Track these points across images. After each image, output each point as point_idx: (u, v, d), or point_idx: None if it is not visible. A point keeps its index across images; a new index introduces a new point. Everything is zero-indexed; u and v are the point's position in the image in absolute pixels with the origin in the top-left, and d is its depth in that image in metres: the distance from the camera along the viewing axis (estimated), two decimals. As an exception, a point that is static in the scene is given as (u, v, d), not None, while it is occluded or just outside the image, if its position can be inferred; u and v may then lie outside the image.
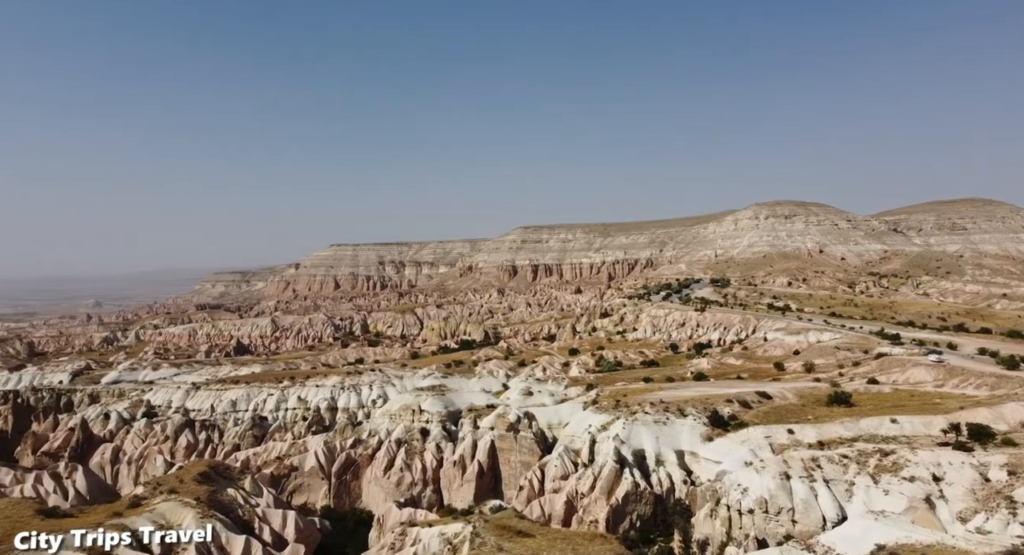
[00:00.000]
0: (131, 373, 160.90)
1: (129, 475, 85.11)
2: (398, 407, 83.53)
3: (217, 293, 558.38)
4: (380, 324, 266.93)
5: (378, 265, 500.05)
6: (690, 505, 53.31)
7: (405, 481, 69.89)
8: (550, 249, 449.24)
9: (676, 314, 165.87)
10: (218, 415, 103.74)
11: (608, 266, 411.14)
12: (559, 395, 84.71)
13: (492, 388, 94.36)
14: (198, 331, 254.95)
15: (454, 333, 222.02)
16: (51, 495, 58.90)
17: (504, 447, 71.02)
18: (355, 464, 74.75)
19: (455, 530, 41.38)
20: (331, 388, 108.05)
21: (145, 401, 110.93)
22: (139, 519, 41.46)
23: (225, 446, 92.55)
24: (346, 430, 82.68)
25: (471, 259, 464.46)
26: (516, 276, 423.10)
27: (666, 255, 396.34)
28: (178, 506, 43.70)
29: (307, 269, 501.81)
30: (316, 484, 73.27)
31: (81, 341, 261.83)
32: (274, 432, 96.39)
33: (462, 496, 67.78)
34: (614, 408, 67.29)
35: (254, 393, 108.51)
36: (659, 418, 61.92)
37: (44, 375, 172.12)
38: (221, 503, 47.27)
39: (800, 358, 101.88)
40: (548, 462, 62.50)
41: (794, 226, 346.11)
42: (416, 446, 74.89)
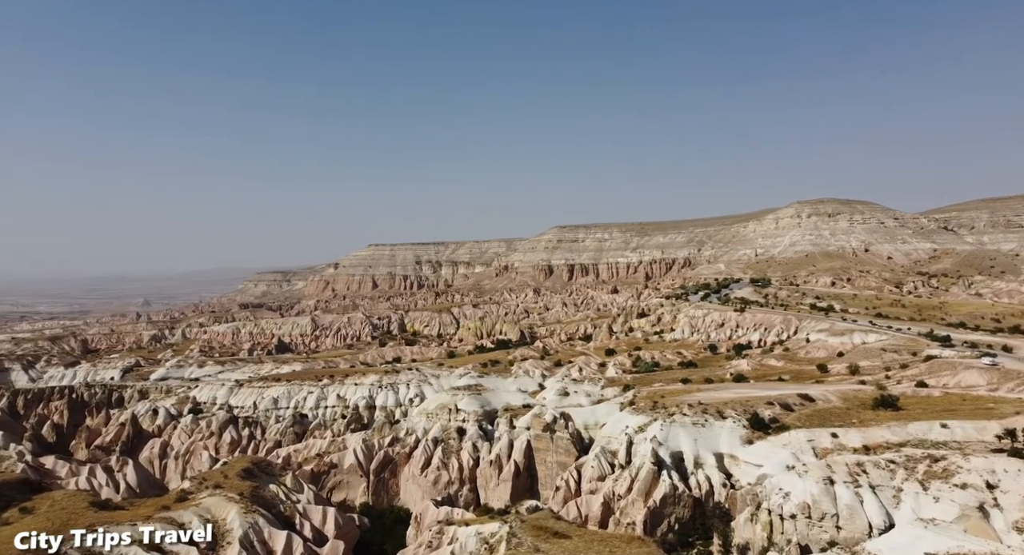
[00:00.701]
0: (178, 370, 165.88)
1: (176, 469, 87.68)
2: (435, 406, 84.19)
3: (259, 292, 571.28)
4: (417, 323, 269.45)
5: (415, 265, 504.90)
6: (730, 509, 52.41)
7: (442, 480, 70.38)
8: (586, 249, 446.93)
9: (715, 314, 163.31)
10: (260, 412, 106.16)
11: (645, 266, 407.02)
12: (595, 396, 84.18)
13: (528, 388, 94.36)
14: (241, 329, 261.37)
15: (490, 333, 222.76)
16: (104, 487, 61.11)
17: (540, 447, 70.93)
18: (393, 462, 75.62)
19: (492, 530, 41.50)
20: (369, 386, 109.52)
21: (191, 398, 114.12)
22: (186, 513, 42.68)
23: (267, 442, 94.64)
24: (384, 428, 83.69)
25: (507, 259, 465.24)
26: (552, 276, 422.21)
27: (704, 254, 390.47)
28: (223, 501, 44.83)
29: (346, 269, 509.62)
30: (355, 481, 74.34)
31: (131, 339, 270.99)
32: (314, 429, 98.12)
33: (498, 495, 67.94)
34: (651, 409, 66.57)
35: (295, 391, 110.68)
36: (697, 420, 61.03)
37: (97, 371, 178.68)
38: (264, 499, 48.32)
39: (844, 360, 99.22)
40: (585, 463, 62.22)
41: (838, 224, 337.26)
42: (453, 445, 75.37)
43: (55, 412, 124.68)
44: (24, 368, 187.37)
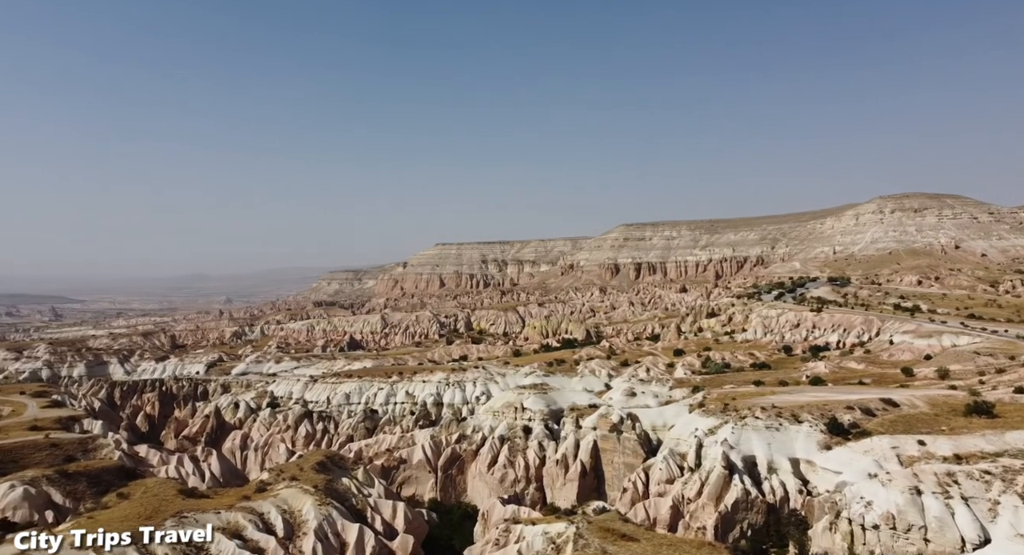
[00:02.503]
0: (257, 365, 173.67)
1: (256, 460, 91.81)
2: (501, 404, 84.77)
3: (332, 291, 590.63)
4: (483, 322, 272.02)
5: (481, 263, 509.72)
6: (806, 516, 50.36)
7: (508, 478, 70.78)
8: (653, 247, 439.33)
9: (790, 314, 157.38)
10: (333, 407, 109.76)
11: (715, 264, 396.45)
12: (663, 396, 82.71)
13: (594, 388, 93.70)
14: (315, 327, 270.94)
15: (555, 331, 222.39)
16: (190, 476, 64.63)
17: (607, 448, 70.28)
18: (460, 459, 76.64)
19: (558, 530, 41.39)
20: (437, 384, 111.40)
21: (269, 392, 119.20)
22: (265, 503, 44.58)
23: (340, 437, 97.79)
24: (451, 425, 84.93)
25: (572, 257, 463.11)
26: (618, 274, 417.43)
27: (778, 252, 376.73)
28: (299, 493, 46.57)
29: (414, 268, 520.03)
30: (424, 477, 75.79)
31: (214, 335, 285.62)
32: (384, 425, 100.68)
33: (565, 495, 67.76)
34: (722, 412, 64.80)
35: (366, 387, 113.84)
36: (771, 424, 58.94)
37: (184, 366, 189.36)
38: (337, 492, 49.88)
39: (932, 363, 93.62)
40: (653, 465, 61.20)
41: (925, 220, 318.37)
42: (519, 443, 75.67)
43: (147, 403, 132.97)
44: (120, 361, 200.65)
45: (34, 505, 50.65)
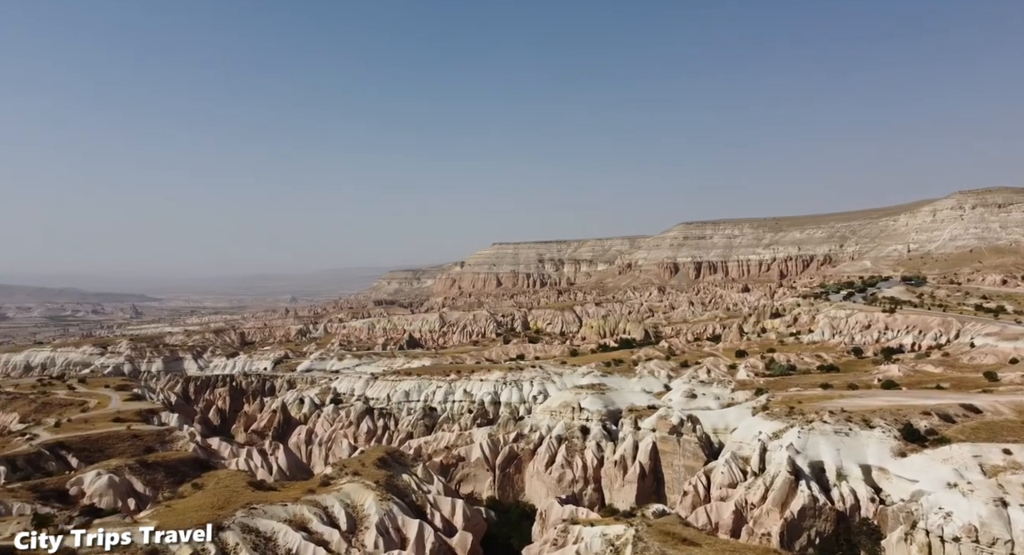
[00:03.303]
0: (320, 362, 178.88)
1: (320, 455, 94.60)
2: (558, 404, 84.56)
3: (392, 290, 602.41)
4: (540, 321, 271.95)
5: (537, 263, 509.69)
6: (879, 526, 48.18)
7: (566, 478, 70.55)
8: (714, 245, 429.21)
9: (860, 315, 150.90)
10: (393, 404, 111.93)
11: (779, 263, 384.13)
12: (725, 398, 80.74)
13: (653, 388, 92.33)
14: (376, 325, 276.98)
15: (613, 331, 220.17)
16: (259, 469, 67.17)
17: (666, 450, 69.13)
18: (517, 458, 76.88)
19: (617, 531, 41.02)
20: (494, 383, 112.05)
21: (332, 388, 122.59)
22: (328, 497, 45.92)
23: (400, 433, 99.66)
24: (508, 424, 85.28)
25: (630, 257, 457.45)
26: (677, 274, 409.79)
27: (847, 251, 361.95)
28: (361, 488, 47.75)
29: (471, 267, 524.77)
30: (482, 475, 76.39)
31: (280, 332, 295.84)
32: (442, 423, 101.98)
33: (623, 497, 67.04)
34: (787, 415, 62.73)
35: (424, 385, 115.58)
36: (840, 428, 56.66)
37: (252, 362, 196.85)
38: (397, 487, 50.89)
39: (1018, 368, 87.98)
40: (714, 468, 59.81)
41: (1010, 216, 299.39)
42: (576, 444, 75.32)
43: (219, 398, 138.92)
44: (194, 357, 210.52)
45: (118, 493, 53.72)
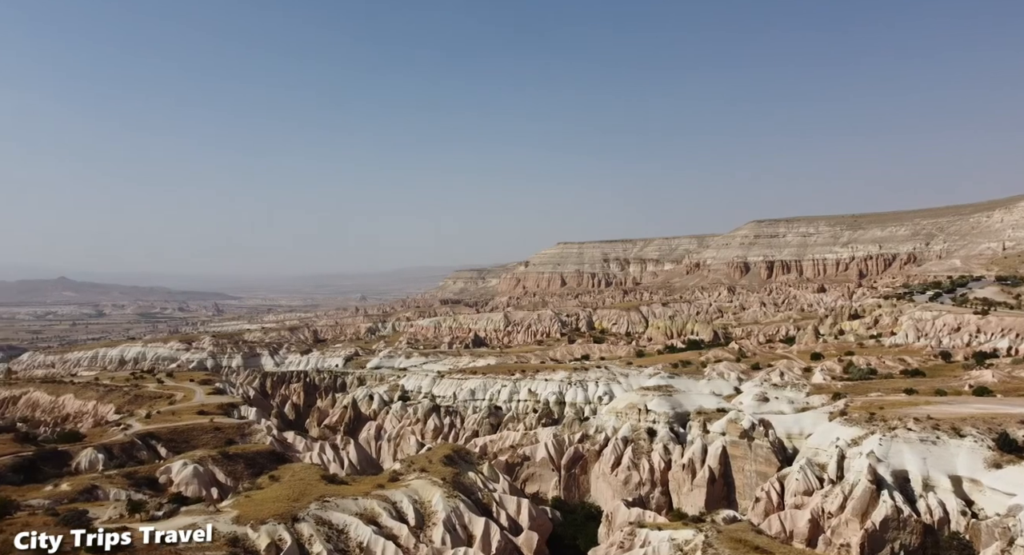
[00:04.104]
0: (389, 360, 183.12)
1: (389, 451, 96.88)
2: (624, 405, 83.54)
3: (457, 289, 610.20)
4: (605, 321, 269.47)
5: (602, 262, 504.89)
6: (971, 541, 45.29)
7: (632, 480, 69.63)
8: (787, 244, 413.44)
9: (948, 317, 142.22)
10: (459, 402, 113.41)
11: (858, 262, 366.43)
12: (799, 403, 77.78)
13: (722, 391, 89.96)
14: (442, 324, 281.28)
15: (680, 332, 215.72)
16: (331, 463, 69.37)
17: (737, 454, 67.18)
18: (583, 458, 76.44)
19: (686, 537, 40.18)
20: (559, 383, 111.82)
21: (400, 386, 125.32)
22: (397, 492, 46.96)
23: (465, 431, 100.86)
24: (574, 425, 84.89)
25: (698, 256, 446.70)
26: (748, 273, 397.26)
27: (933, 249, 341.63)
28: (428, 484, 48.60)
29: (535, 267, 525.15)
30: (547, 475, 76.35)
31: (351, 330, 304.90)
32: (507, 421, 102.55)
33: (692, 501, 65.60)
34: (867, 421, 59.79)
35: (490, 383, 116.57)
36: (926, 436, 53.55)
37: (324, 359, 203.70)
38: (463, 485, 51.52)
39: None
40: (788, 475, 57.68)
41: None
42: (643, 446, 74.21)
43: (294, 393, 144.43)
44: (271, 354, 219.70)
45: (202, 482, 56.63)
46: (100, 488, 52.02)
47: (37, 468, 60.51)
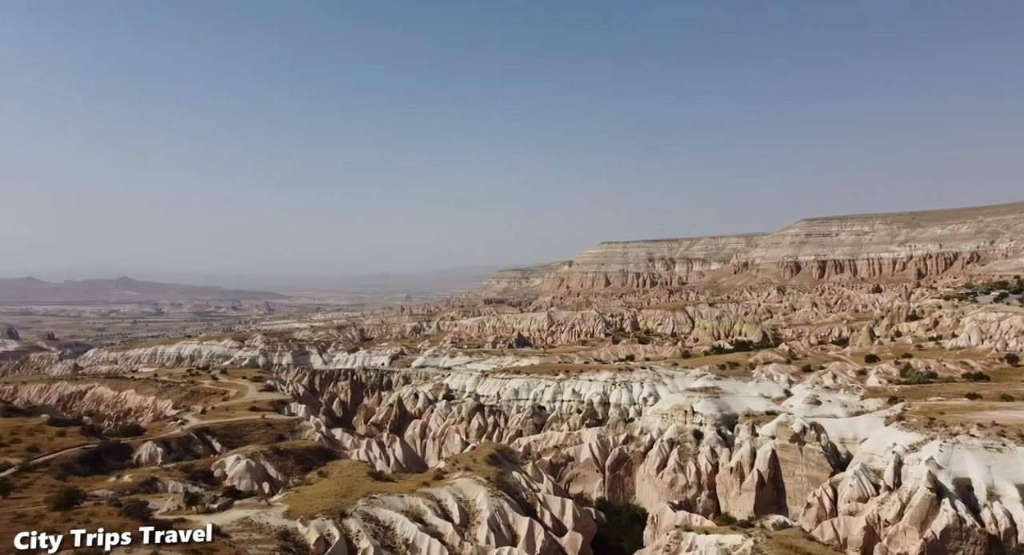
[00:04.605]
0: (433, 359, 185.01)
1: (433, 449, 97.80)
2: (669, 407, 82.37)
3: (501, 289, 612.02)
4: (650, 321, 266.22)
5: (647, 262, 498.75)
6: (1040, 555, 43.09)
7: (679, 483, 68.61)
8: (841, 243, 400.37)
9: (1015, 318, 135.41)
10: (503, 402, 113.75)
11: (916, 261, 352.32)
12: (853, 406, 75.33)
13: (771, 393, 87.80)
14: (485, 323, 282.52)
15: (728, 333, 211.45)
16: (377, 460, 70.47)
17: (787, 459, 65.46)
18: (627, 460, 75.67)
19: (734, 541, 39.37)
20: (603, 383, 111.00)
21: (445, 385, 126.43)
22: (442, 491, 47.40)
23: (509, 431, 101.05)
24: (618, 426, 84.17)
25: (746, 255, 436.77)
26: (799, 273, 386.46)
27: (999, 248, 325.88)
28: (472, 483, 48.90)
29: (579, 266, 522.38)
30: (591, 476, 75.88)
31: (396, 330, 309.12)
32: (551, 422, 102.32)
33: (740, 505, 64.23)
34: (926, 427, 57.54)
35: (533, 383, 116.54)
36: (991, 443, 51.19)
37: (371, 357, 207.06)
38: (507, 484, 51.64)
39: None
40: (842, 480, 55.92)
41: None
42: (689, 448, 73.03)
43: (341, 391, 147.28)
44: (319, 352, 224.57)
45: (254, 476, 58.27)
46: (159, 480, 54.10)
47: (102, 460, 63.32)
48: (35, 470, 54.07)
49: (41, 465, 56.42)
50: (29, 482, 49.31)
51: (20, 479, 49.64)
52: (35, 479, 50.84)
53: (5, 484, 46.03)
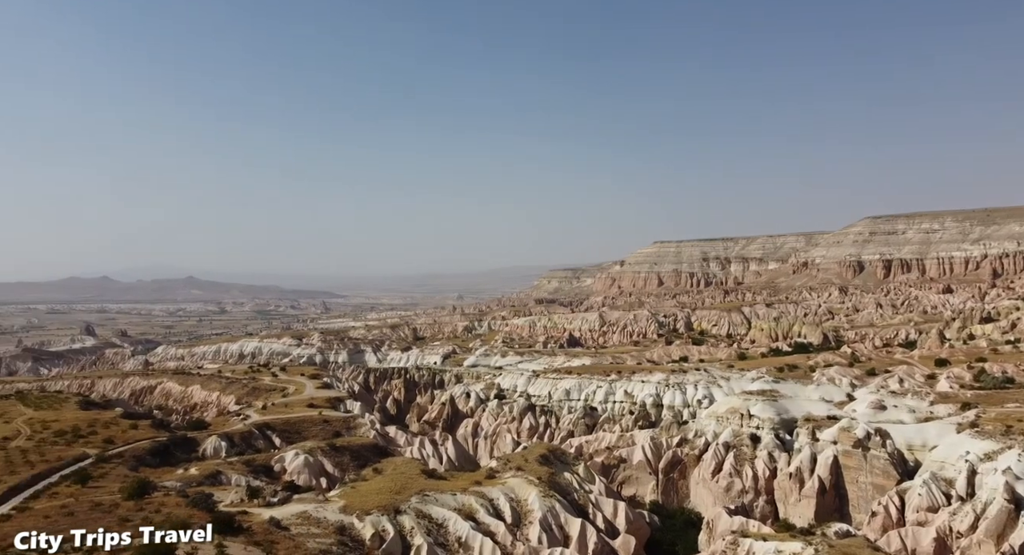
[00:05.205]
0: (485, 358, 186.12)
1: (485, 448, 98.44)
2: (725, 409, 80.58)
3: (552, 289, 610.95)
4: (704, 322, 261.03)
5: (701, 262, 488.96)
6: None
7: (735, 487, 67.03)
8: (908, 241, 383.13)
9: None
10: (554, 402, 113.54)
11: (992, 260, 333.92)
12: (922, 412, 72.06)
13: (833, 397, 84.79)
14: (536, 323, 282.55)
15: (786, 334, 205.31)
16: (430, 458, 71.38)
17: (850, 465, 63.13)
18: (681, 463, 74.42)
19: (794, 549, 38.21)
20: (656, 384, 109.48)
21: (496, 384, 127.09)
22: (494, 490, 47.62)
23: (560, 431, 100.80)
24: (672, 428, 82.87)
25: (806, 254, 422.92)
26: (862, 273, 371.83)
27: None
28: (524, 483, 48.95)
29: (631, 266, 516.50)
30: (644, 478, 74.94)
31: (448, 329, 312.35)
32: (603, 423, 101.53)
33: (799, 512, 62.28)
34: (1003, 435, 54.58)
35: (585, 384, 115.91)
36: (1076, 455, 48.11)
37: (424, 356, 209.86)
38: (559, 485, 51.48)
39: None
40: (910, 489, 53.60)
41: None
42: (746, 452, 71.27)
43: (395, 389, 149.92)
44: (373, 350, 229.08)
45: (312, 472, 59.88)
46: (223, 473, 56.27)
47: (170, 452, 66.32)
48: (110, 461, 57.04)
49: (116, 456, 59.49)
50: (105, 472, 52.05)
51: (97, 469, 52.47)
52: (110, 469, 53.63)
53: (84, 474, 48.73)
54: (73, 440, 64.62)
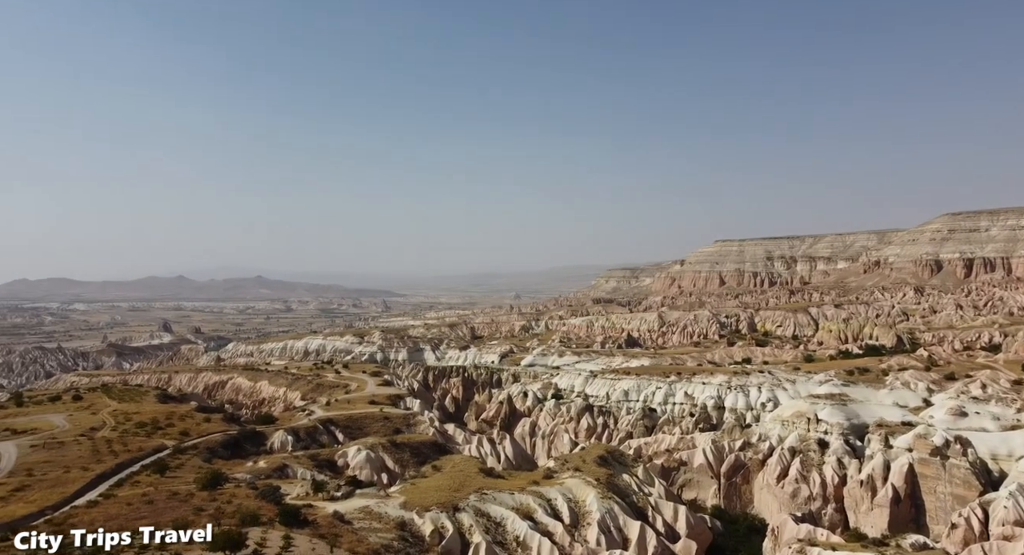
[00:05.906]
0: (542, 358, 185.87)
1: (542, 448, 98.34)
2: (791, 413, 77.94)
3: (610, 288, 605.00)
4: (768, 323, 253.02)
5: (765, 261, 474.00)
6: None
7: (801, 494, 64.77)
8: (991, 239, 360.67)
9: None
10: (612, 402, 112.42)
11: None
12: (1007, 420, 67.86)
13: (908, 402, 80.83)
14: (594, 323, 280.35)
15: (856, 336, 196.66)
16: (488, 457, 71.83)
17: (927, 474, 60.01)
18: (744, 467, 72.42)
19: (865, 562, 36.62)
20: (717, 386, 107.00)
21: (553, 384, 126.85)
22: (551, 490, 47.54)
23: (619, 432, 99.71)
24: (734, 431, 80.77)
25: (878, 253, 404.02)
26: (940, 272, 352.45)
27: None
28: (582, 484, 48.67)
29: (691, 265, 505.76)
30: (705, 482, 73.31)
31: (506, 328, 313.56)
32: (663, 424, 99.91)
33: (871, 522, 59.66)
34: (1100, 447, 50.76)
35: (644, 385, 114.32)
36: None
37: (481, 355, 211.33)
38: (617, 487, 50.95)
39: None
40: (994, 501, 50.54)
41: None
42: (813, 458, 68.74)
43: (453, 387, 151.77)
44: (432, 349, 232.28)
45: (374, 467, 61.24)
46: (290, 466, 58.23)
47: (240, 445, 69.13)
48: (186, 452, 59.98)
49: (191, 448, 62.51)
50: (181, 463, 54.77)
51: (174, 460, 55.28)
52: (186, 460, 56.39)
53: (162, 464, 51.43)
54: (152, 431, 68.34)
